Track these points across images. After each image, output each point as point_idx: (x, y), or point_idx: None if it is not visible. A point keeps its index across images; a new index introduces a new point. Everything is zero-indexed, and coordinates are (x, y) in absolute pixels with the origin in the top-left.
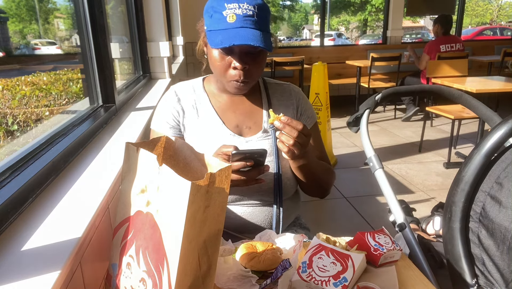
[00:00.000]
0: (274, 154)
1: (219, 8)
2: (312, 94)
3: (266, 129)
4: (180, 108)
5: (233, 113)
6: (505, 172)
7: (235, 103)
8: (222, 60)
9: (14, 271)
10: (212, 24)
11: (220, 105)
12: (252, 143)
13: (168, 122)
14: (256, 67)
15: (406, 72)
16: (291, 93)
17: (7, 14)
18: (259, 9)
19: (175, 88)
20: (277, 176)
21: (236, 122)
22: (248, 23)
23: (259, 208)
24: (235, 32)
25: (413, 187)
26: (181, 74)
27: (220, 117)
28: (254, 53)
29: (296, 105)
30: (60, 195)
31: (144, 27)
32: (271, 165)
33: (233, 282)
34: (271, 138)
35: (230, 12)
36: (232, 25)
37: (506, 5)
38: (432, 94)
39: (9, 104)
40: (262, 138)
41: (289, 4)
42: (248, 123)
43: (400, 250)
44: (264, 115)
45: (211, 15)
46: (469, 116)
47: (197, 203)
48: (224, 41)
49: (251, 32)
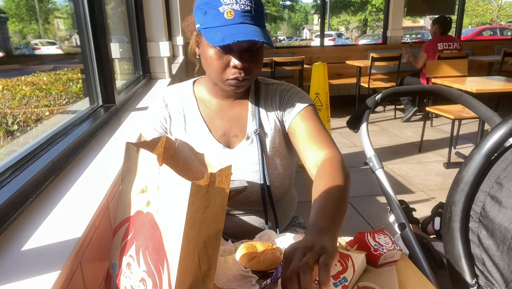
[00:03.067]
0: (259, 162)
1: (215, 3)
2: (312, 94)
3: (249, 135)
4: (167, 114)
5: (220, 120)
6: (505, 172)
7: (223, 109)
8: (220, 59)
9: (14, 271)
10: (207, 21)
11: (209, 111)
12: (238, 154)
13: (156, 129)
14: (256, 64)
15: (406, 72)
16: (278, 91)
17: (7, 14)
18: (256, 4)
19: (164, 93)
20: (263, 186)
21: (223, 130)
22: (247, 19)
23: (251, 217)
24: (236, 28)
25: (413, 187)
26: (181, 74)
27: (207, 125)
28: (253, 50)
29: (278, 102)
30: (60, 195)
31: (144, 27)
32: (256, 175)
33: (233, 282)
34: (256, 146)
35: (227, 8)
36: (231, 21)
37: (506, 5)
38: (432, 94)
39: (9, 104)
40: (247, 146)
41: (289, 4)
42: (234, 131)
43: (400, 250)
44: (249, 121)
45: (205, 11)
46: (469, 116)
47: (197, 203)
48: (226, 38)
49: (251, 28)
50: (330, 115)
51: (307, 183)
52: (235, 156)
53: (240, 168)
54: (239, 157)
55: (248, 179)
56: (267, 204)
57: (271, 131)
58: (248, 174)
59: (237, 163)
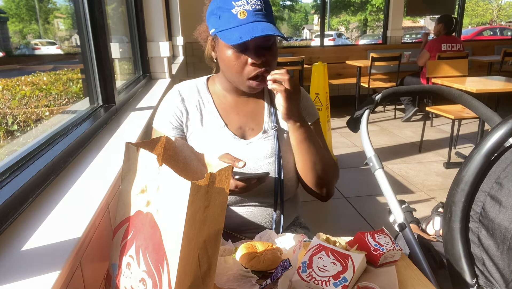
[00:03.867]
0: (275, 154)
1: (227, 7)
2: (312, 94)
3: (266, 130)
4: (183, 108)
5: (236, 115)
6: (505, 172)
7: (238, 104)
8: (238, 59)
9: (14, 271)
10: (222, 24)
11: (224, 106)
12: (253, 145)
13: (171, 123)
14: (273, 56)
15: (406, 72)
16: None
17: (7, 14)
18: (265, 3)
19: (179, 87)
20: (278, 177)
21: (239, 124)
22: (260, 17)
23: (260, 208)
24: (251, 26)
25: (413, 187)
26: (181, 74)
27: (223, 119)
28: (268, 47)
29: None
30: (60, 195)
31: (144, 27)
32: (272, 166)
33: (233, 282)
34: (272, 139)
35: (239, 9)
36: (245, 21)
37: (506, 5)
38: (432, 94)
39: (9, 104)
40: (262, 139)
41: (289, 4)
42: (251, 125)
43: (400, 250)
44: (265, 116)
45: (219, 16)
46: (469, 116)
47: (197, 203)
48: (244, 35)
49: (265, 25)
50: (330, 115)
51: None
52: (251, 148)
53: (255, 159)
54: (254, 148)
55: (264, 170)
56: (278, 196)
57: (286, 128)
58: (264, 165)
59: (252, 154)
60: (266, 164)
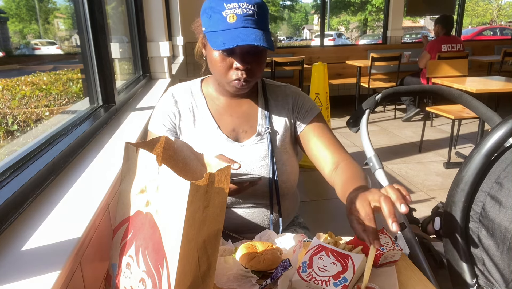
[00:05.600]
0: (269, 157)
1: (218, 8)
2: (312, 94)
3: (260, 132)
4: (176, 110)
5: (229, 117)
6: (505, 172)
7: (232, 106)
8: (223, 61)
9: (14, 271)
10: (211, 25)
11: (217, 108)
12: (246, 148)
13: (165, 125)
14: (258, 66)
15: (406, 72)
16: (287, 93)
17: (7, 14)
18: (259, 8)
19: (173, 90)
20: (272, 180)
21: (232, 126)
22: (249, 23)
23: (257, 209)
24: (237, 33)
25: (413, 187)
26: (181, 74)
27: (216, 122)
28: (256, 53)
29: (291, 104)
30: (60, 195)
31: (144, 27)
32: (266, 169)
33: (233, 282)
34: (266, 142)
35: (230, 12)
36: (233, 26)
37: (506, 5)
38: (432, 94)
39: (9, 104)
40: (256, 142)
41: (289, 4)
42: (244, 127)
43: (400, 250)
44: (259, 118)
45: (210, 16)
46: (469, 116)
47: (196, 203)
48: (227, 42)
49: (252, 32)
50: (330, 115)
51: (307, 183)
52: (244, 150)
53: (249, 162)
54: (248, 151)
55: (257, 172)
56: (274, 198)
57: (281, 130)
58: (257, 168)
59: (245, 157)
60: (260, 167)
